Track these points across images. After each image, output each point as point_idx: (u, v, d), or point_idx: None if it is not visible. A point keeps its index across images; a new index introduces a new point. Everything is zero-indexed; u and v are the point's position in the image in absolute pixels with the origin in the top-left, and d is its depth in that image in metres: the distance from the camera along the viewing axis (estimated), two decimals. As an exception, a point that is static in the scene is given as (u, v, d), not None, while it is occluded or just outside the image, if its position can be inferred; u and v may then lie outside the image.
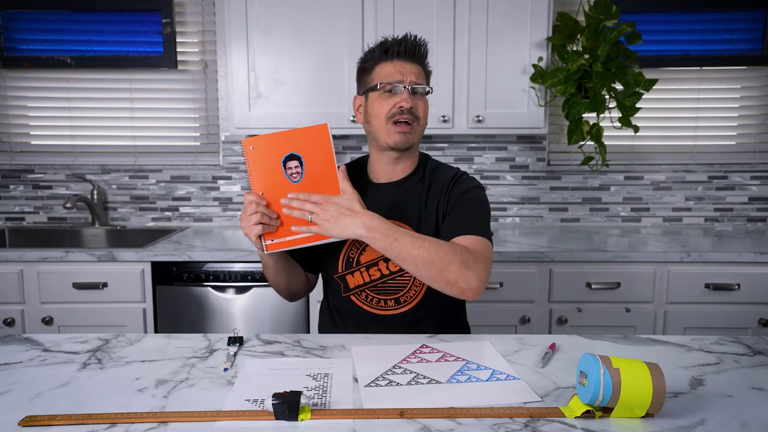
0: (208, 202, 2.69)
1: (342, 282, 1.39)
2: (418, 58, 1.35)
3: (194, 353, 1.13)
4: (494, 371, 1.04)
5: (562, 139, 2.62)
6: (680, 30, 2.58)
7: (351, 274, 1.38)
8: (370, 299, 1.39)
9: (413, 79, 1.33)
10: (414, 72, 1.33)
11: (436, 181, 1.40)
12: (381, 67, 1.34)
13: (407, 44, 1.33)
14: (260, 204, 1.18)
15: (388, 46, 1.34)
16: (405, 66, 1.33)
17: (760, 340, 1.21)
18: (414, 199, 1.39)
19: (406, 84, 1.32)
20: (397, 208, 1.38)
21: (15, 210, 2.70)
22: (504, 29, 2.24)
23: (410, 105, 1.31)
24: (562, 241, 2.30)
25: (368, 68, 1.37)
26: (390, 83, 1.32)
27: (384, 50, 1.34)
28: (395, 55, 1.33)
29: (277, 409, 0.85)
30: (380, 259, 1.36)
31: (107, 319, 2.10)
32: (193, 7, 2.58)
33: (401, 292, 1.37)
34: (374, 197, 1.38)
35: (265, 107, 2.28)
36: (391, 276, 1.36)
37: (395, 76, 1.32)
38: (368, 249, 1.36)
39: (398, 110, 1.31)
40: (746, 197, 2.67)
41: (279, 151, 1.19)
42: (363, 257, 1.37)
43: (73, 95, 2.65)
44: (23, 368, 1.05)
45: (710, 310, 2.09)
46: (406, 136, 1.32)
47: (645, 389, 0.83)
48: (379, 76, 1.34)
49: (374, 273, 1.37)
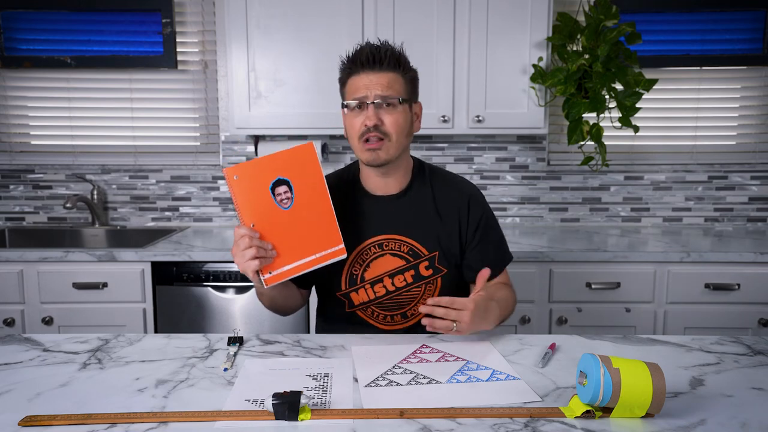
0: (208, 202, 2.69)
1: (346, 299, 1.36)
2: (388, 65, 1.26)
3: (194, 353, 1.13)
4: (494, 371, 1.04)
5: (562, 139, 2.62)
6: (680, 30, 2.58)
7: (355, 291, 1.35)
8: (376, 315, 1.36)
9: (379, 91, 1.25)
10: (382, 83, 1.25)
11: (445, 194, 1.37)
12: (351, 80, 1.29)
13: (368, 52, 1.25)
14: (253, 237, 1.11)
15: (354, 57, 1.27)
16: (371, 77, 1.25)
17: (760, 340, 1.21)
18: (422, 214, 1.35)
19: (370, 99, 1.25)
20: (408, 226, 1.34)
21: (15, 210, 2.70)
22: (504, 29, 2.24)
23: (374, 122, 1.24)
24: (562, 241, 2.30)
25: (342, 81, 1.32)
26: (354, 99, 1.26)
27: (351, 61, 1.28)
28: (360, 66, 1.26)
29: (277, 409, 0.85)
30: (385, 275, 1.33)
31: (107, 319, 2.10)
32: (193, 7, 2.58)
33: (408, 307, 1.35)
34: (376, 210, 1.35)
35: (265, 107, 2.28)
36: (397, 292, 1.34)
37: (359, 92, 1.26)
38: (372, 265, 1.33)
39: (365, 129, 1.25)
40: (746, 197, 2.67)
41: (265, 177, 1.13)
42: (367, 274, 1.34)
43: (73, 95, 2.65)
44: (23, 368, 1.05)
45: (710, 310, 2.09)
46: (375, 153, 1.27)
47: (645, 389, 0.83)
48: (347, 93, 1.29)
49: (379, 290, 1.34)
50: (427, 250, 1.34)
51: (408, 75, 1.31)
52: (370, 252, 1.33)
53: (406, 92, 1.29)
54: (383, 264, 1.33)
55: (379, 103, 1.25)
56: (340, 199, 1.34)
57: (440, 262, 1.34)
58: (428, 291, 1.35)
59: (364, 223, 1.34)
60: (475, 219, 1.36)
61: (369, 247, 1.34)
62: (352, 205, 1.36)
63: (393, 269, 1.33)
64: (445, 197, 1.37)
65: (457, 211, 1.36)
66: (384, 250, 1.33)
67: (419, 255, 1.33)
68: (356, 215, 1.35)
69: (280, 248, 1.15)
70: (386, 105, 1.26)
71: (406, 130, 1.30)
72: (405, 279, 1.33)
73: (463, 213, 1.36)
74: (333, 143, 2.63)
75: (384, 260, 1.33)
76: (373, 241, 1.34)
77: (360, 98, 1.26)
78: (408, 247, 1.33)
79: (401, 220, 1.34)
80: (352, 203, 1.36)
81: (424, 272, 1.34)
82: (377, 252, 1.33)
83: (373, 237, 1.34)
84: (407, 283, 1.33)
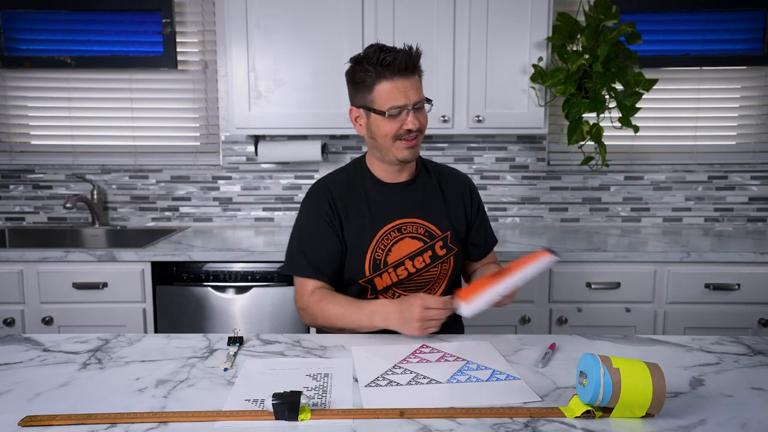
0: (208, 202, 2.69)
1: (369, 284, 1.40)
2: (414, 69, 1.33)
3: (194, 353, 1.14)
4: (494, 371, 1.04)
5: (562, 139, 2.61)
6: (680, 30, 2.58)
7: (379, 276, 1.39)
8: (398, 296, 1.41)
9: (416, 98, 1.32)
10: (414, 87, 1.32)
11: (448, 181, 1.50)
12: (381, 86, 1.31)
13: (403, 58, 1.29)
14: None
15: (387, 62, 1.29)
16: (406, 84, 1.31)
17: (760, 340, 1.21)
18: (432, 198, 1.45)
19: (411, 106, 1.32)
20: (423, 209, 1.43)
21: (15, 210, 2.70)
22: (504, 29, 2.24)
23: (417, 126, 1.33)
24: (562, 241, 2.30)
25: (367, 85, 1.33)
26: (396, 108, 1.31)
27: (381, 65, 1.29)
28: (395, 71, 1.29)
29: (277, 409, 0.85)
30: (406, 258, 1.39)
31: (107, 319, 2.10)
32: (193, 7, 2.58)
33: (427, 287, 1.43)
34: (391, 197, 1.42)
35: (265, 107, 2.28)
36: (417, 273, 1.40)
37: (399, 100, 1.31)
38: (394, 249, 1.39)
39: (405, 131, 1.33)
40: (746, 197, 2.67)
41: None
42: (389, 258, 1.39)
43: (73, 95, 2.65)
44: (23, 368, 1.05)
45: (710, 310, 2.09)
46: (413, 150, 1.36)
47: (645, 389, 0.83)
48: (381, 98, 1.32)
49: (401, 272, 1.40)
50: (441, 231, 1.43)
51: (421, 72, 1.38)
52: (391, 236, 1.40)
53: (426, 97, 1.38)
54: (404, 247, 1.40)
55: (418, 108, 1.34)
56: (357, 190, 1.43)
57: (452, 241, 1.43)
58: (443, 271, 1.43)
59: (384, 209, 1.41)
60: (476, 202, 1.52)
61: (389, 231, 1.40)
62: (369, 194, 1.43)
63: (413, 251, 1.40)
64: (448, 184, 1.50)
65: (460, 195, 1.49)
66: (403, 233, 1.40)
67: (434, 236, 1.42)
68: (375, 203, 1.42)
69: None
70: (419, 109, 1.35)
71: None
72: (424, 260, 1.40)
73: (467, 197, 1.50)
74: (333, 143, 2.63)
75: (404, 243, 1.40)
76: (393, 226, 1.40)
77: (402, 106, 1.31)
78: (424, 228, 1.42)
79: (416, 204, 1.43)
80: (369, 192, 1.43)
81: (439, 252, 1.42)
82: (397, 236, 1.40)
83: (393, 222, 1.40)
84: (426, 264, 1.41)
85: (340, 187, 1.43)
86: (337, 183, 1.45)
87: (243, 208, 2.69)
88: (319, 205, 1.41)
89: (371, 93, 1.33)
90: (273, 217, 2.68)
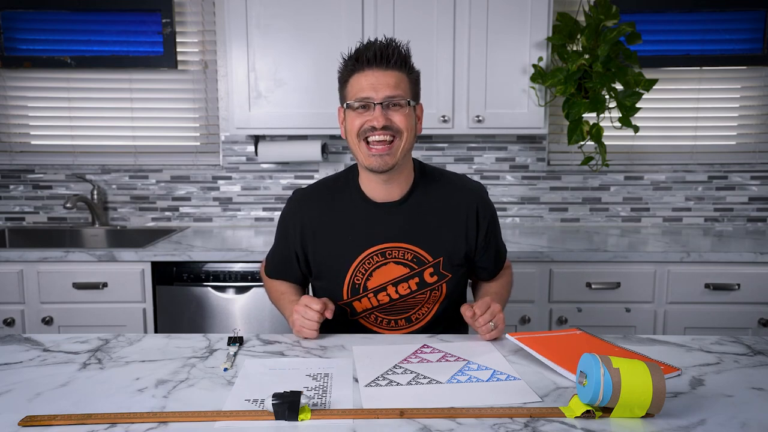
0: (208, 202, 2.69)
1: (348, 308, 1.34)
2: (395, 64, 1.21)
3: (194, 353, 1.13)
4: (494, 371, 1.04)
5: (562, 139, 2.61)
6: (680, 30, 2.58)
7: (358, 300, 1.32)
8: (379, 321, 1.34)
9: (388, 92, 1.20)
10: (390, 83, 1.20)
11: (451, 198, 1.33)
12: (355, 79, 1.22)
13: (376, 49, 1.19)
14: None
15: (359, 54, 1.21)
16: (378, 76, 1.20)
17: (760, 340, 1.21)
18: (425, 220, 1.31)
19: (377, 100, 1.19)
20: (412, 233, 1.29)
21: (15, 210, 2.70)
22: (504, 29, 2.24)
23: (382, 123, 1.19)
24: (562, 241, 2.30)
25: (344, 79, 1.26)
26: (360, 100, 1.20)
27: (355, 58, 1.22)
28: (366, 63, 1.20)
29: (277, 409, 0.85)
30: (389, 284, 1.30)
31: (107, 319, 2.10)
32: (193, 7, 2.58)
33: (413, 311, 1.34)
34: (378, 218, 1.30)
35: (265, 107, 2.28)
36: (402, 299, 1.32)
37: (366, 91, 1.20)
38: (375, 274, 1.30)
39: (369, 128, 1.21)
40: (746, 197, 2.67)
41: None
42: (370, 283, 1.30)
43: (73, 95, 2.65)
44: (23, 368, 1.05)
45: (710, 310, 2.09)
46: (382, 159, 1.22)
47: (645, 389, 0.83)
48: (352, 91, 1.23)
49: (383, 298, 1.31)
50: (432, 257, 1.30)
51: (413, 75, 1.27)
52: (373, 261, 1.30)
53: (410, 93, 1.25)
54: (387, 272, 1.30)
55: (386, 104, 1.21)
56: (340, 207, 1.33)
57: (444, 267, 1.31)
58: (434, 296, 1.33)
59: (366, 231, 1.30)
60: (485, 223, 1.34)
61: (371, 255, 1.30)
62: (353, 214, 1.32)
63: (397, 277, 1.30)
64: (449, 202, 1.33)
65: (464, 216, 1.33)
66: (387, 258, 1.29)
67: (424, 262, 1.30)
68: (358, 224, 1.31)
69: None
70: (392, 106, 1.22)
71: (413, 129, 1.26)
72: (409, 287, 1.31)
73: (471, 218, 1.33)
74: (333, 143, 2.63)
75: (387, 269, 1.30)
76: (376, 250, 1.29)
77: (365, 98, 1.20)
78: (412, 254, 1.30)
79: (404, 228, 1.30)
80: (353, 211, 1.32)
81: (428, 279, 1.31)
82: (380, 261, 1.30)
83: (375, 246, 1.29)
84: (411, 291, 1.31)
85: (320, 204, 1.34)
86: (317, 198, 1.36)
87: (243, 208, 2.69)
88: (285, 227, 1.39)
89: (346, 87, 1.26)
90: (273, 217, 2.68)
